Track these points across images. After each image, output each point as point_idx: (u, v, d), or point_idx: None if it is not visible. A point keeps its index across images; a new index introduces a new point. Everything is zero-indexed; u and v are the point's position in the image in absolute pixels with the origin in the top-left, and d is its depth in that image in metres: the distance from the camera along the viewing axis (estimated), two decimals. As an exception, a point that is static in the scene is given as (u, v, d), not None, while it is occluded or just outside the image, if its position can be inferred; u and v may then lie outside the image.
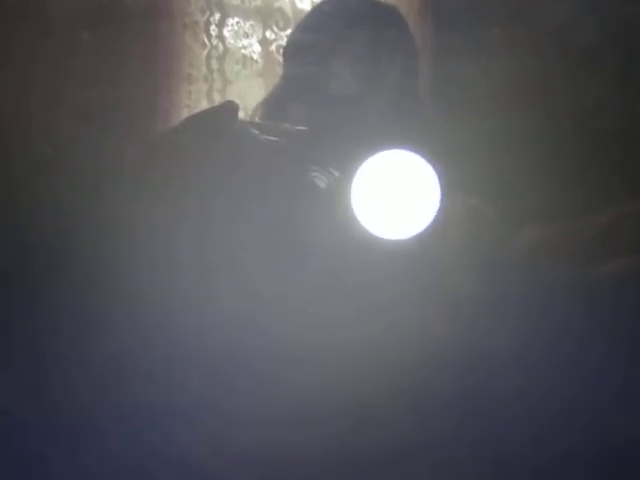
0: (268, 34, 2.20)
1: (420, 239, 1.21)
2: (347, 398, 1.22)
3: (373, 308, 1.23)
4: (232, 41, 2.16)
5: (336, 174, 1.32)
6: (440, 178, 1.21)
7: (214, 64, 2.13)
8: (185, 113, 2.05)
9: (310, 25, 1.63)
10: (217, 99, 2.09)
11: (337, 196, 1.24)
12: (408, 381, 1.22)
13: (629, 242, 1.36)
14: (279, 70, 1.85)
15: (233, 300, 1.22)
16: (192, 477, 1.21)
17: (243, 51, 2.17)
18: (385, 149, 1.23)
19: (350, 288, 1.24)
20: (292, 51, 1.64)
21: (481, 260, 1.33)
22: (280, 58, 2.18)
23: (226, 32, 2.16)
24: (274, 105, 1.61)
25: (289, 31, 2.16)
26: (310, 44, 1.58)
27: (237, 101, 1.30)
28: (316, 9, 1.68)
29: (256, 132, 1.28)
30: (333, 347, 1.21)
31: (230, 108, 1.28)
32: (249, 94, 2.11)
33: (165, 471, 1.20)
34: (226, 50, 2.15)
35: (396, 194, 1.22)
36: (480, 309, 1.28)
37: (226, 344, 1.21)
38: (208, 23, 2.15)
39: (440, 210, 1.21)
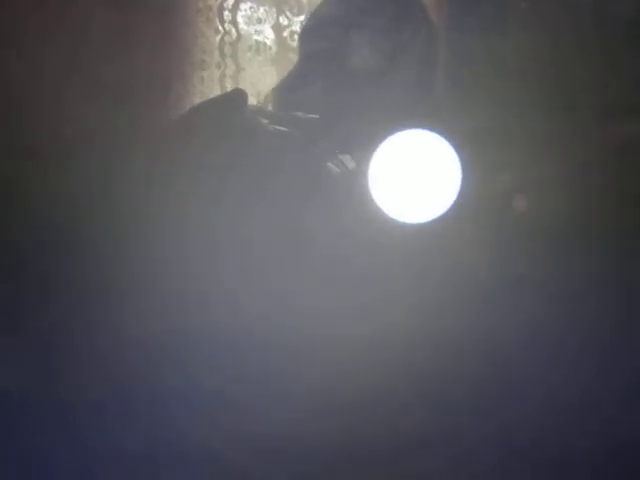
0: (281, 19, 2.18)
1: (439, 222, 1.19)
2: (363, 388, 1.21)
3: (389, 293, 1.22)
4: (245, 27, 2.15)
5: (347, 163, 1.31)
6: (462, 161, 1.19)
7: (227, 50, 2.12)
8: (198, 99, 2.04)
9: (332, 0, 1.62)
10: (229, 86, 2.08)
11: (355, 179, 1.23)
12: (424, 367, 1.21)
13: None
14: (292, 57, 1.84)
15: (244, 292, 1.22)
16: (205, 469, 1.21)
17: (256, 37, 2.16)
18: (405, 129, 1.20)
19: (363, 273, 1.23)
20: (312, 25, 1.62)
21: (495, 245, 1.31)
22: (294, 44, 2.17)
23: (239, 17, 2.15)
24: (291, 85, 1.60)
25: (303, 17, 2.15)
26: (332, 17, 1.57)
27: (249, 88, 1.30)
28: None
29: (265, 121, 1.27)
30: (349, 335, 1.20)
31: (239, 96, 1.27)
32: (261, 81, 2.10)
33: (177, 463, 1.20)
34: (239, 36, 2.14)
35: (416, 176, 1.19)
36: (496, 293, 1.26)
37: (241, 337, 1.21)
38: (221, 8, 2.14)
39: (460, 194, 1.19)
